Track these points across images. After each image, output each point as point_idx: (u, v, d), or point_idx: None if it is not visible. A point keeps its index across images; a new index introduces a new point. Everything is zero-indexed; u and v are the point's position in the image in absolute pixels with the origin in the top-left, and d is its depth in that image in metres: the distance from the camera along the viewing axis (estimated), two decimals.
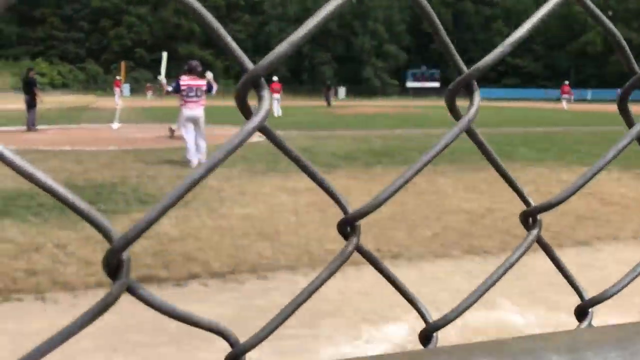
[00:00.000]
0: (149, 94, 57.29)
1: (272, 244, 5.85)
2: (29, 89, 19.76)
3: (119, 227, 3.99)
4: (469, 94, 0.51)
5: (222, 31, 0.39)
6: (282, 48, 0.40)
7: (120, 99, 38.21)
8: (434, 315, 0.58)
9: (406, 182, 0.46)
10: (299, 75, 76.62)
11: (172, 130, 15.60)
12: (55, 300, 4.53)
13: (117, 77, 40.57)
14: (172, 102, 30.36)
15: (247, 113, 0.41)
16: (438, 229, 6.50)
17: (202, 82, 11.53)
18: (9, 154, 0.32)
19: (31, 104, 19.42)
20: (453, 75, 0.54)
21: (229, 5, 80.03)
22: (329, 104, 48.91)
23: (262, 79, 0.40)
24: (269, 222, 6.75)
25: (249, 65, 0.40)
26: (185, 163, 11.14)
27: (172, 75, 13.79)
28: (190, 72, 11.45)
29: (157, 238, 6.00)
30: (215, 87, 12.11)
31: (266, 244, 5.85)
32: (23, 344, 3.82)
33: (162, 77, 12.29)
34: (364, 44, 77.08)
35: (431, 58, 80.00)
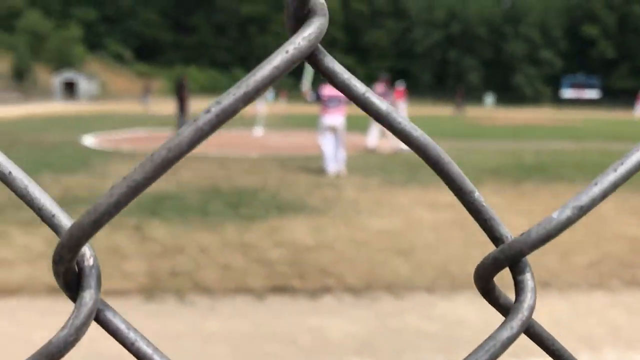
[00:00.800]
0: (283, 100, 59.21)
1: (409, 262, 5.63)
2: (181, 93, 20.86)
3: (256, 233, 3.93)
4: None
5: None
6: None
7: (265, 105, 39.41)
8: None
9: None
10: (444, 82, 75.26)
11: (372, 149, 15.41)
12: (194, 303, 4.62)
13: None
14: (310, 108, 30.85)
15: (498, 303, 0.25)
16: (595, 257, 5.93)
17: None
18: None
19: (182, 108, 20.52)
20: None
21: (373, 12, 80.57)
22: (458, 109, 45.67)
23: (525, 258, 0.25)
24: (407, 237, 6.53)
25: (504, 232, 0.25)
26: (322, 172, 11.19)
27: (316, 82, 13.97)
28: None
29: (293, 247, 6.00)
30: None
31: (403, 261, 5.64)
32: (162, 345, 3.91)
33: (305, 86, 12.48)
34: (515, 49, 73.97)
35: (590, 65, 74.69)
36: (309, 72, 12.64)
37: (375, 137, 15.53)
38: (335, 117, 11.42)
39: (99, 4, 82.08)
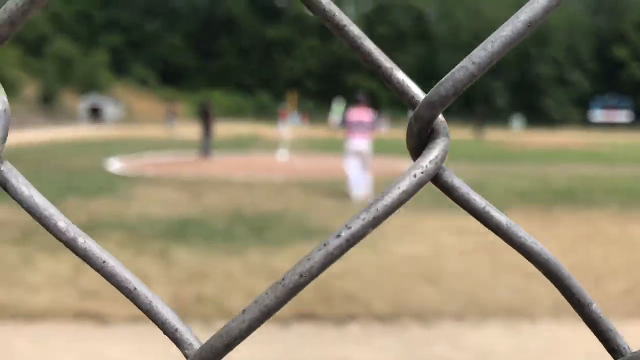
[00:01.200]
0: (305, 124, 59.53)
1: (436, 288, 5.57)
2: (205, 117, 21.01)
3: (281, 258, 3.96)
4: None
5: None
6: None
7: (289, 128, 39.40)
8: None
9: None
10: (471, 105, 74.99)
11: None
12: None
13: (282, 108, 42.25)
14: (331, 132, 30.85)
15: None
16: (630, 285, 5.79)
17: (368, 118, 11.58)
18: None
19: (207, 132, 20.68)
20: None
21: (398, 35, 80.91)
22: (479, 131, 44.10)
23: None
24: (434, 263, 6.46)
25: (622, 342, 0.26)
26: (347, 196, 11.17)
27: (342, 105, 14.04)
28: (359, 103, 11.61)
29: None
30: (381, 126, 12.17)
31: (430, 288, 5.58)
32: None
33: (334, 118, 12.62)
34: (542, 71, 73.49)
35: (619, 87, 73.49)
36: (339, 105, 12.74)
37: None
38: (362, 142, 11.43)
39: (125, 29, 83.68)
